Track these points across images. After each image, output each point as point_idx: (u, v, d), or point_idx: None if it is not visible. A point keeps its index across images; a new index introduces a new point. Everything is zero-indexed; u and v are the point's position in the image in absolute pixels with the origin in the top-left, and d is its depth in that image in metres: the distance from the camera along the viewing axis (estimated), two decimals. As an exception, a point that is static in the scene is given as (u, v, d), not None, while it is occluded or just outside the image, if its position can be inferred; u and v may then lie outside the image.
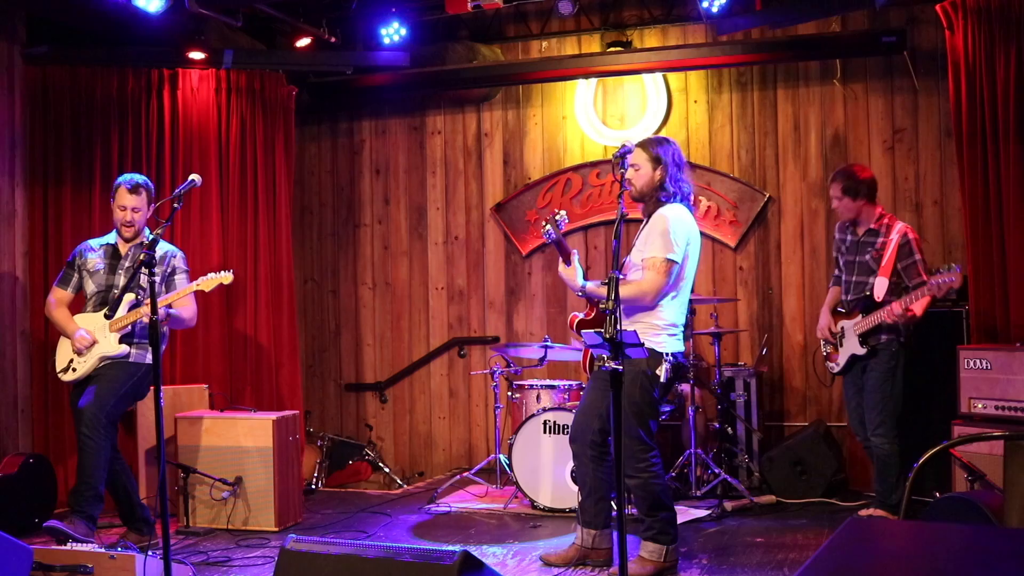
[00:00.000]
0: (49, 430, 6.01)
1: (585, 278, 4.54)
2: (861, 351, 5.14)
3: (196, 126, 6.34)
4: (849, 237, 5.29)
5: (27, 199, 6.07)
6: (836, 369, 5.34)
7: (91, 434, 4.77)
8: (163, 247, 5.20)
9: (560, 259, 4.62)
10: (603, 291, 4.23)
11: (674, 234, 4.27)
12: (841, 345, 5.27)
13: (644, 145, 4.45)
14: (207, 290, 5.03)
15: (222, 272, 5.04)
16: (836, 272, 5.45)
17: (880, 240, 5.12)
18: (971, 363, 4.94)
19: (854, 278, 5.24)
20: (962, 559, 1.77)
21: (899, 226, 5.12)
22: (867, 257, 5.16)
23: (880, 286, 5.06)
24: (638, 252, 4.38)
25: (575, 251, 4.63)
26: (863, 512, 5.30)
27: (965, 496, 3.79)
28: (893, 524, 2.02)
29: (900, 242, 5.05)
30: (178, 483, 5.43)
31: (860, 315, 5.15)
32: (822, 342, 5.45)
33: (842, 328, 5.25)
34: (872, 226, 5.18)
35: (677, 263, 4.28)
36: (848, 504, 5.72)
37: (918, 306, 4.96)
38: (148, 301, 4.01)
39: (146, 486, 5.59)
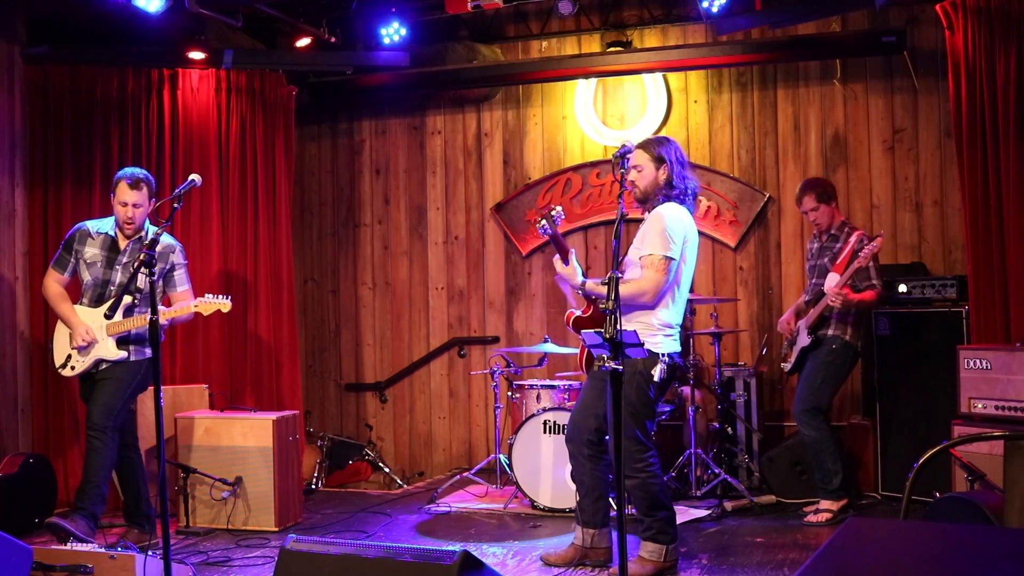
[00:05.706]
0: (49, 430, 6.00)
1: (585, 277, 4.53)
2: (807, 341, 5.42)
3: (196, 126, 6.33)
4: (816, 244, 5.58)
5: (27, 199, 6.07)
6: (788, 367, 5.60)
7: (98, 436, 4.82)
8: (162, 240, 5.18)
9: (557, 256, 4.55)
10: (603, 290, 4.23)
11: (671, 231, 4.26)
12: (795, 343, 5.54)
13: (645, 146, 4.44)
14: (205, 313, 5.00)
15: (220, 298, 4.95)
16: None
17: (838, 245, 5.38)
18: (971, 363, 4.94)
19: (814, 280, 5.51)
20: (962, 559, 1.77)
21: (857, 232, 5.34)
22: (825, 260, 5.42)
23: (831, 280, 5.29)
24: (635, 250, 4.37)
25: (572, 249, 4.62)
26: (809, 512, 5.38)
27: (965, 496, 3.79)
28: (893, 524, 2.02)
29: (856, 247, 5.25)
30: (178, 483, 5.43)
31: (812, 311, 5.44)
32: (784, 343, 5.68)
33: (798, 328, 5.53)
34: (833, 231, 5.46)
35: (675, 260, 4.27)
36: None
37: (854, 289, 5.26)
38: (147, 308, 4.00)
39: (146, 486, 5.60)
